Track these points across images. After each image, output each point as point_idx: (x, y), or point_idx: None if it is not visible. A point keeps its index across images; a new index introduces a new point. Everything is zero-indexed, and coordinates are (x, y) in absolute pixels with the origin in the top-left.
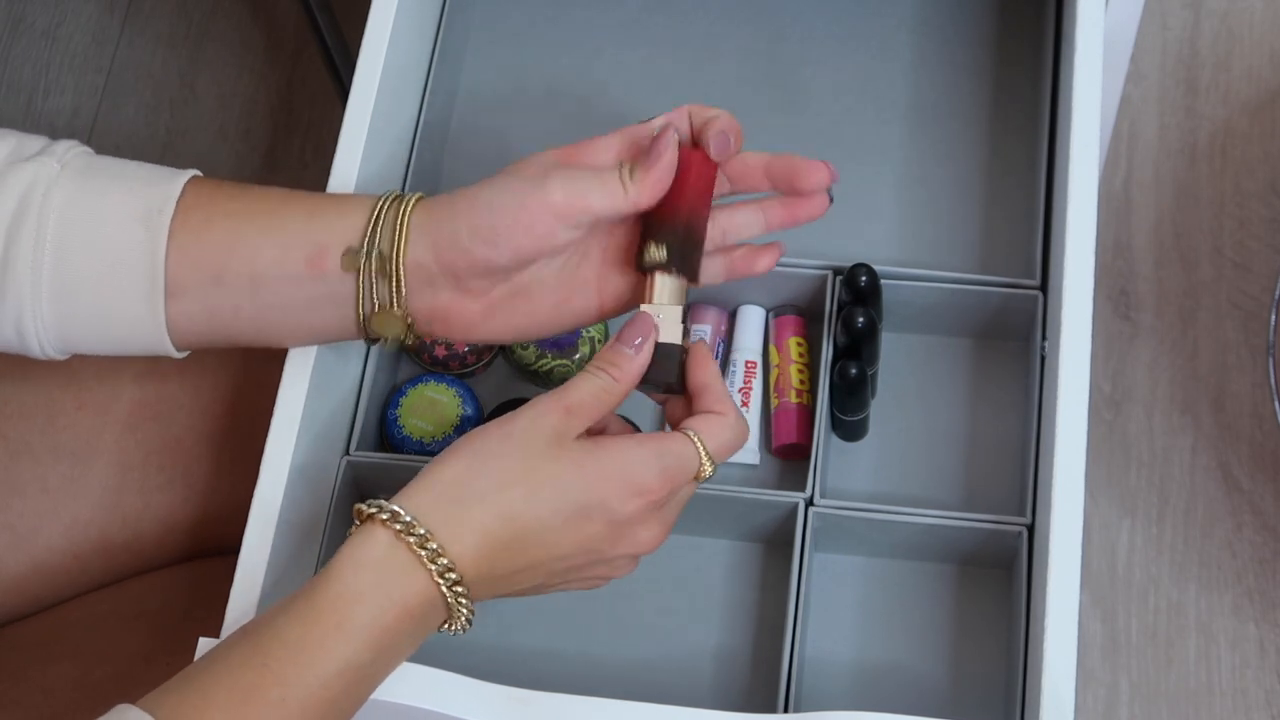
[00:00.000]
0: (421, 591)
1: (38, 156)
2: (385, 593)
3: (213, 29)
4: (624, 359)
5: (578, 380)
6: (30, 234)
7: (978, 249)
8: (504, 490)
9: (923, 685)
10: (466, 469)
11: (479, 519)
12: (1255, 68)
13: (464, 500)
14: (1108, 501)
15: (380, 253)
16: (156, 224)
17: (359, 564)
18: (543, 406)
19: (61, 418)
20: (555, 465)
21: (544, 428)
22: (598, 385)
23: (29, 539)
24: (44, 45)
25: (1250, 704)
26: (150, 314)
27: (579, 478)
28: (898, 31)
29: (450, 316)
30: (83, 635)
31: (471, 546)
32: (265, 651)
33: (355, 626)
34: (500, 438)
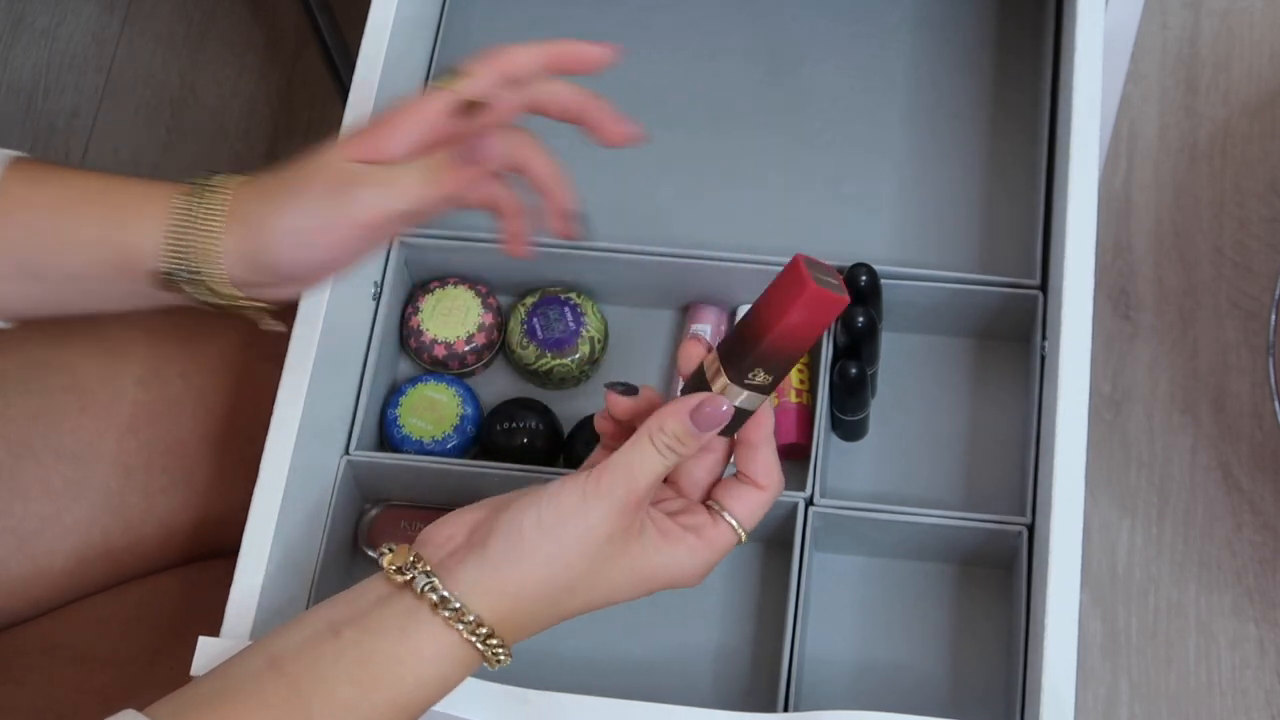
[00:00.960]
0: (473, 669)
1: None
2: (447, 684)
3: (213, 29)
4: (694, 442)
5: (645, 462)
6: None
7: (978, 249)
8: (573, 604)
9: (923, 685)
10: (548, 584)
11: (543, 623)
12: (1255, 68)
13: (537, 615)
14: (1108, 501)
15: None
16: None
17: (429, 660)
18: (610, 504)
19: (65, 421)
20: (617, 573)
21: (612, 529)
22: (661, 466)
23: (31, 542)
24: (44, 45)
25: (1250, 704)
26: None
27: (636, 584)
28: (898, 32)
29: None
30: (85, 639)
31: (527, 635)
32: (308, 703)
33: (412, 707)
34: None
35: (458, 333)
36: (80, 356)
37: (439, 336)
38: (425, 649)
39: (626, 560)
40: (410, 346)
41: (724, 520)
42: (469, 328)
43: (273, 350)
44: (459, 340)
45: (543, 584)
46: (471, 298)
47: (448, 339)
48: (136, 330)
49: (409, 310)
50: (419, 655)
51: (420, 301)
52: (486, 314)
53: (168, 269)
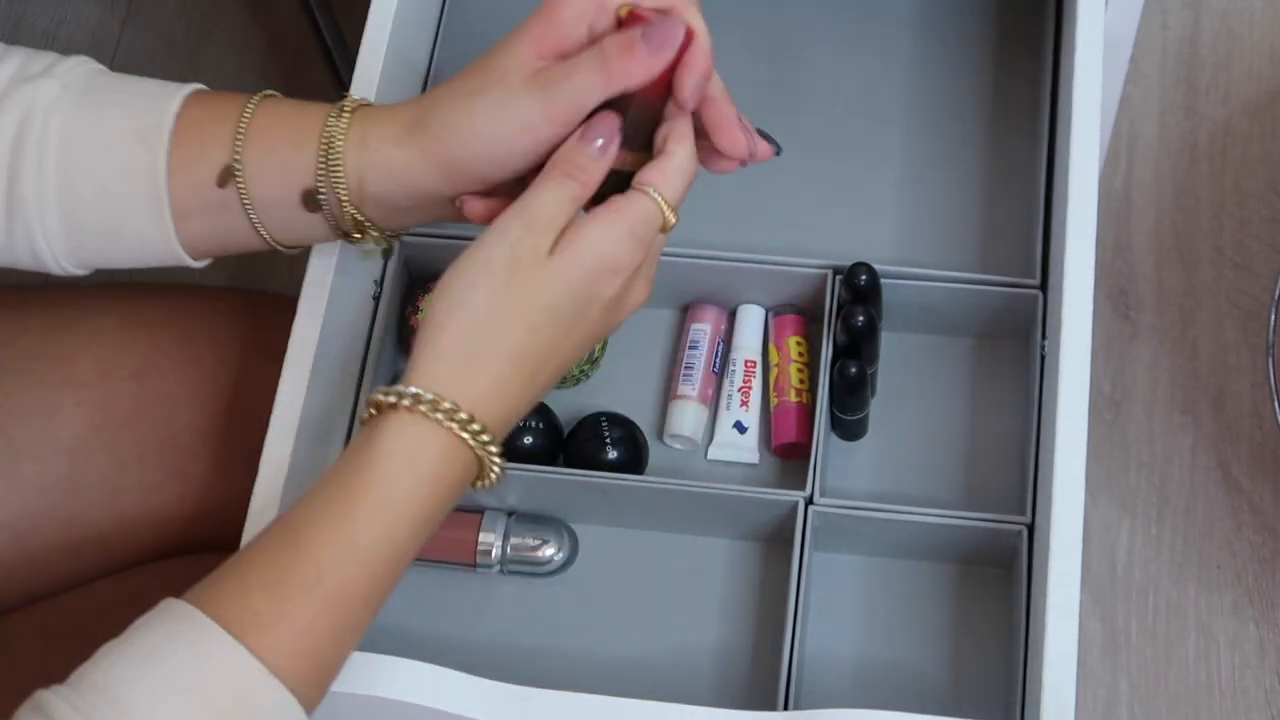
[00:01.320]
0: (457, 460)
1: (39, 77)
2: (421, 472)
3: (213, 29)
4: (590, 162)
5: (542, 193)
6: (33, 159)
7: (978, 249)
8: (507, 334)
9: (923, 684)
10: (464, 326)
11: (494, 371)
12: (1255, 68)
13: (474, 359)
14: (1108, 501)
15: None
16: (155, 142)
17: (391, 452)
18: (513, 235)
19: (60, 415)
20: (543, 287)
21: (521, 253)
22: (564, 197)
23: (28, 537)
24: (44, 45)
25: (1250, 704)
26: (159, 230)
27: (566, 288)
28: (898, 32)
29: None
30: (81, 623)
31: (495, 399)
32: (299, 535)
33: (395, 506)
34: (481, 283)
35: None
36: (76, 350)
37: None
38: (386, 441)
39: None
40: (410, 346)
41: (636, 190)
42: None
43: (271, 347)
44: None
45: (465, 329)
46: None
47: None
48: (133, 325)
49: (409, 310)
50: (383, 449)
51: (420, 301)
52: None
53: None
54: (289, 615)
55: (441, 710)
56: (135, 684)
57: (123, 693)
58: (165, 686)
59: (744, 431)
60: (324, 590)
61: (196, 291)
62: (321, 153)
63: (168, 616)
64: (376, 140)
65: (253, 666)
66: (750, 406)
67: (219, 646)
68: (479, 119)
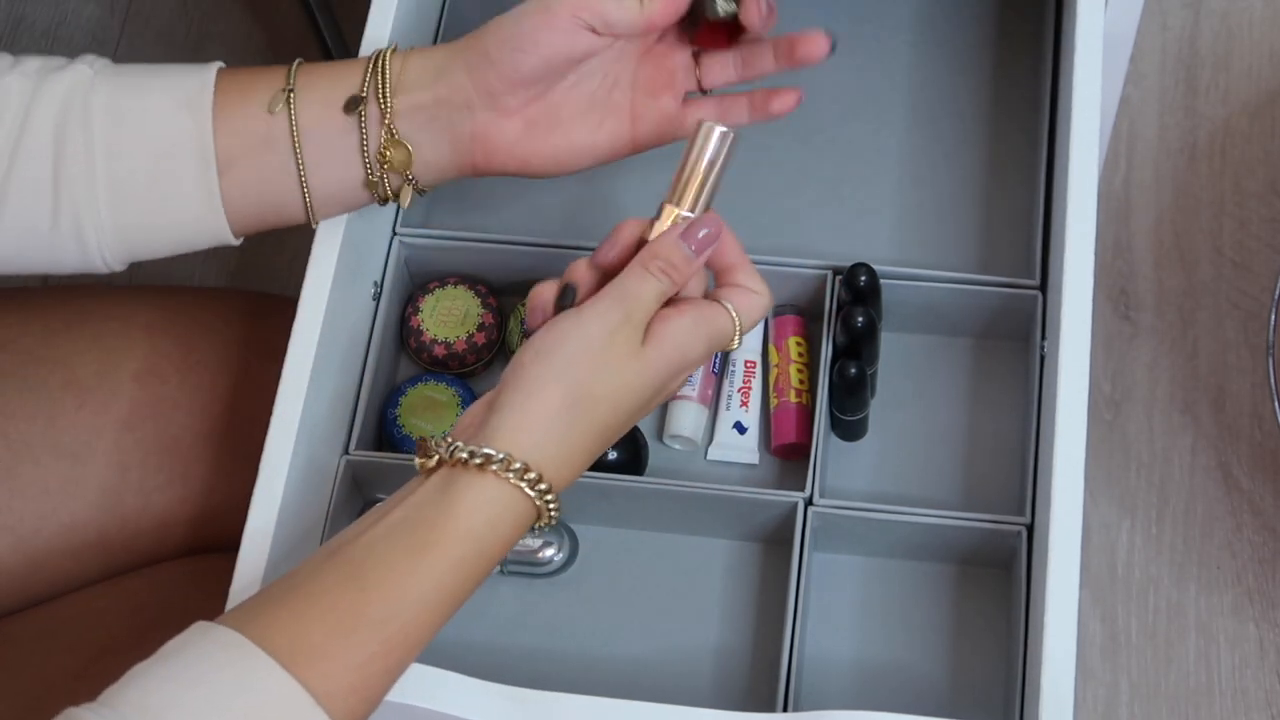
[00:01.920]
0: (525, 516)
1: (69, 66)
2: (498, 534)
3: (213, 29)
4: (686, 264)
5: (638, 286)
6: (77, 137)
7: (978, 249)
8: (592, 413)
9: (922, 685)
10: (556, 400)
11: (575, 444)
12: (1255, 68)
13: (561, 434)
14: (1108, 501)
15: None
16: (199, 104)
17: (472, 510)
18: (614, 318)
19: (62, 418)
20: (631, 378)
21: (618, 341)
22: (658, 292)
23: (29, 540)
24: (44, 45)
25: (1250, 704)
26: (205, 196)
27: (651, 380)
28: (898, 32)
29: (490, 137)
30: (81, 629)
31: (567, 467)
32: (365, 577)
33: (467, 562)
34: (582, 356)
35: (458, 333)
36: (77, 353)
37: (439, 336)
38: (466, 499)
39: (641, 364)
40: (410, 346)
41: (721, 305)
42: (469, 328)
43: (272, 348)
44: (459, 340)
45: (558, 402)
46: (471, 298)
47: (448, 339)
48: (134, 327)
49: (409, 310)
50: (461, 508)
51: (420, 301)
52: (486, 314)
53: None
54: (347, 651)
55: (442, 712)
56: (178, 706)
57: (167, 715)
58: (210, 711)
59: (744, 432)
60: (386, 630)
61: (197, 294)
62: (370, 64)
63: (209, 641)
64: (420, 49)
65: (302, 697)
66: (750, 407)
67: (268, 675)
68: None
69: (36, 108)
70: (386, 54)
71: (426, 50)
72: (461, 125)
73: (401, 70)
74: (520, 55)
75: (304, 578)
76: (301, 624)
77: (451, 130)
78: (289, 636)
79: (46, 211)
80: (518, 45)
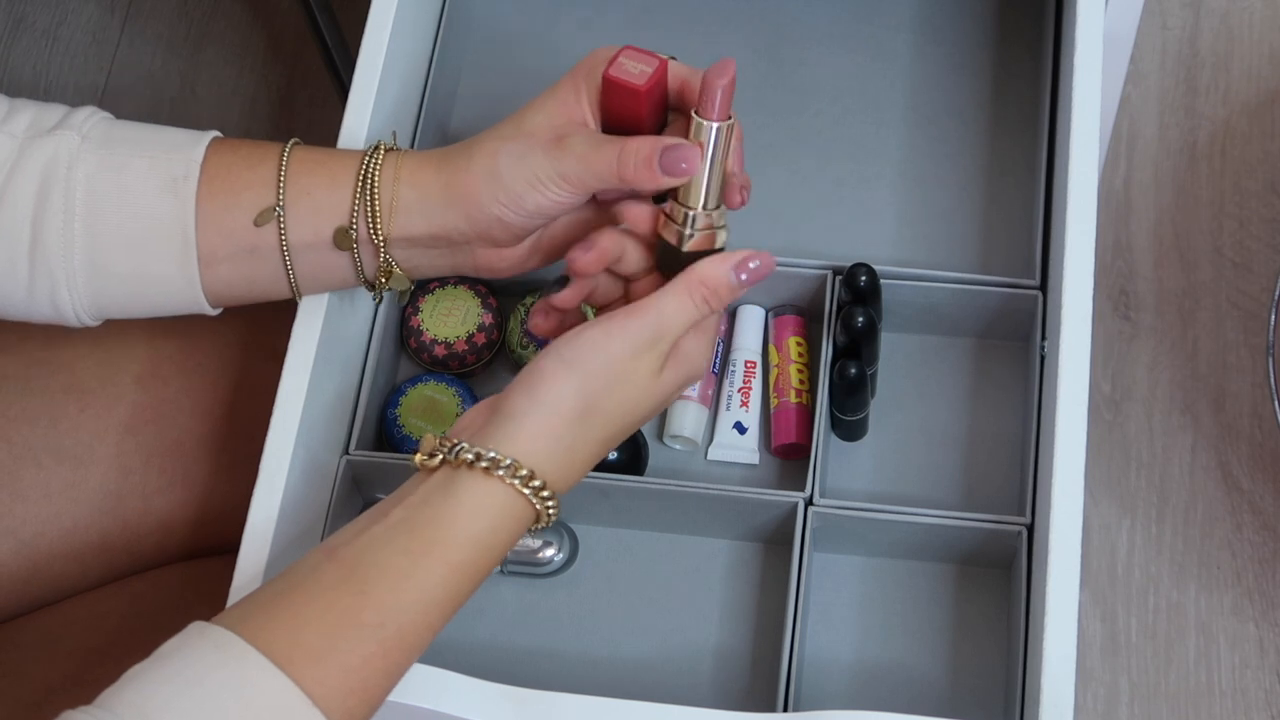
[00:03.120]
0: (526, 520)
1: (56, 130)
2: (499, 536)
3: (213, 29)
4: (731, 295)
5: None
6: (58, 209)
7: (978, 249)
8: (605, 427)
9: (922, 685)
10: (573, 412)
11: (584, 453)
12: (1255, 68)
13: (571, 444)
14: (1108, 501)
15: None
16: (183, 191)
17: (475, 514)
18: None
19: (64, 422)
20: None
21: (641, 364)
22: (694, 317)
23: (31, 544)
24: (44, 45)
25: (1250, 704)
26: (185, 278)
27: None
28: (897, 32)
29: (492, 264)
30: (82, 633)
31: (573, 474)
32: (364, 579)
33: (467, 565)
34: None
35: (458, 333)
36: (79, 357)
37: (439, 336)
38: (468, 502)
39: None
40: (410, 346)
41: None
42: (469, 328)
43: (272, 350)
44: (459, 340)
45: (572, 414)
46: (471, 298)
47: (448, 339)
48: (135, 330)
49: (409, 310)
50: (464, 510)
51: (420, 301)
52: (486, 314)
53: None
54: (342, 653)
55: (442, 712)
56: (173, 709)
57: (162, 717)
58: (205, 713)
59: (744, 432)
60: (383, 633)
61: None
62: (358, 186)
63: (205, 641)
64: (408, 172)
65: (298, 698)
66: (750, 407)
67: (264, 676)
68: (500, 163)
69: (18, 175)
70: (376, 169)
71: (419, 174)
72: (460, 253)
73: (394, 197)
74: (528, 221)
75: (301, 577)
76: (298, 625)
77: (450, 257)
78: (285, 637)
79: (23, 278)
80: (526, 215)
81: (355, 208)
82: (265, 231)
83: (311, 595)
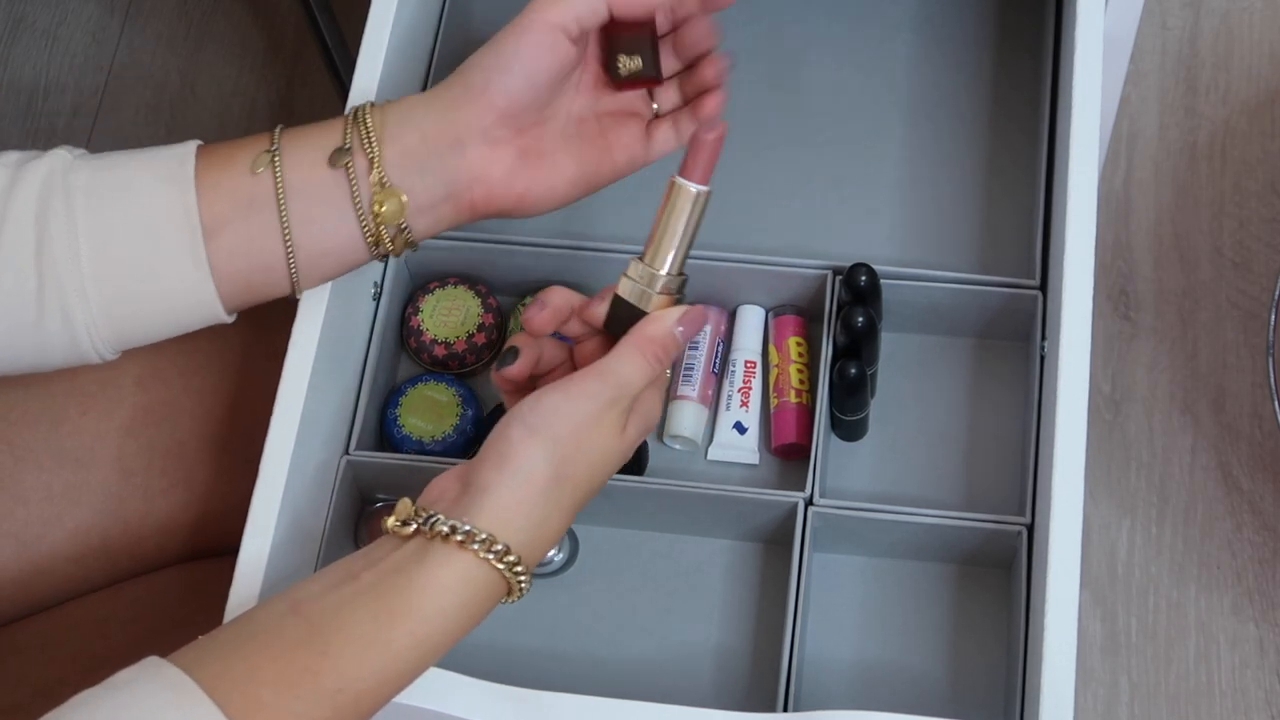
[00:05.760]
0: (496, 594)
1: (46, 153)
2: (469, 611)
3: (213, 29)
4: (675, 346)
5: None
6: (60, 216)
7: (978, 249)
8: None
9: (922, 685)
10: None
11: (554, 523)
12: (1255, 68)
13: (548, 515)
14: (1108, 501)
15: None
16: (181, 177)
17: (444, 588)
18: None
19: (65, 424)
20: (611, 455)
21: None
22: (650, 375)
23: (32, 546)
24: (44, 45)
25: (1250, 704)
26: (193, 264)
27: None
28: (898, 31)
29: (486, 172)
30: (83, 637)
31: (543, 542)
32: (327, 641)
33: (433, 638)
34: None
35: (458, 333)
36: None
37: (439, 336)
38: (441, 575)
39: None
40: (410, 346)
41: None
42: (469, 328)
43: (273, 350)
44: (459, 340)
45: (543, 483)
46: (471, 298)
47: (448, 339)
48: None
49: (409, 310)
50: (436, 583)
51: (420, 301)
52: (486, 314)
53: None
54: (296, 714)
55: (442, 712)
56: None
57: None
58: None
59: (744, 432)
60: (340, 699)
61: None
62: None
63: (159, 680)
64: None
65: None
66: (750, 407)
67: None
68: (499, 38)
69: (16, 193)
70: (366, 106)
71: (405, 98)
72: (454, 164)
73: (383, 120)
74: (506, 77)
75: (263, 627)
76: (254, 678)
77: (444, 171)
78: (239, 688)
79: (31, 298)
80: (501, 67)
81: (348, 130)
82: (262, 178)
83: (271, 650)
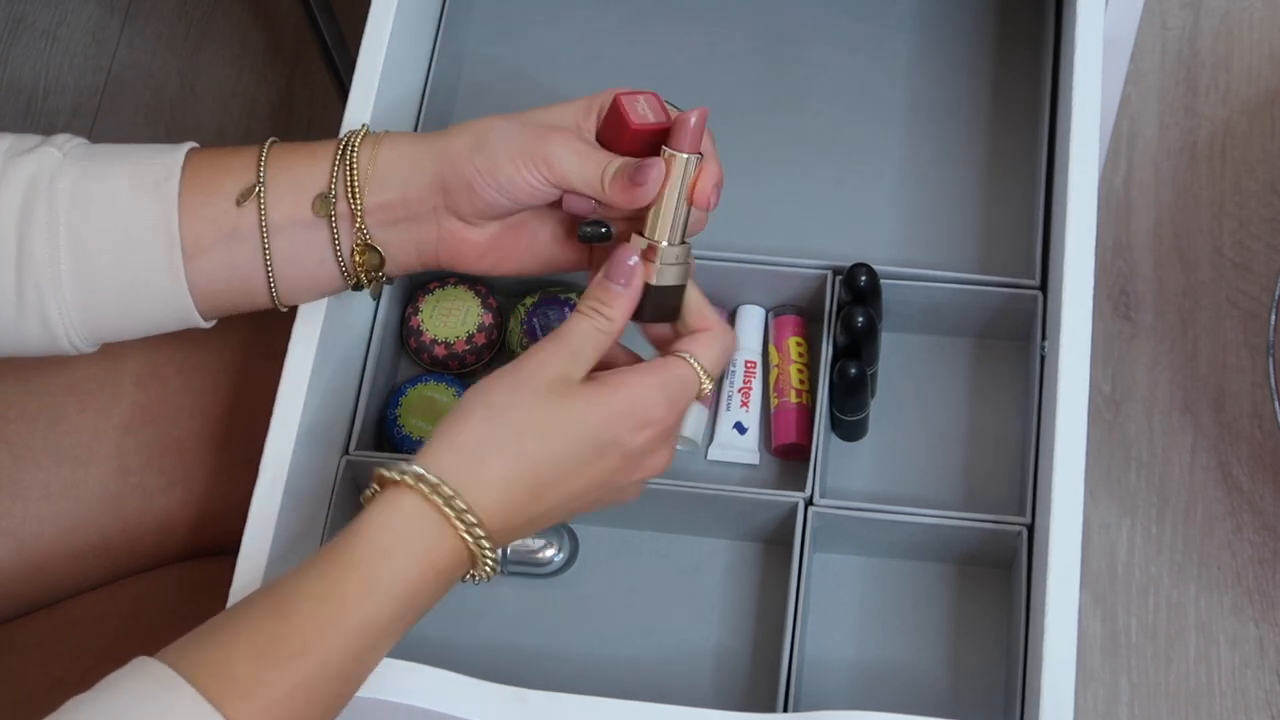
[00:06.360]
0: (449, 548)
1: (37, 148)
2: (411, 551)
3: (213, 29)
4: (613, 297)
5: (572, 325)
6: (42, 221)
7: (978, 249)
8: (521, 440)
9: (922, 685)
10: (482, 423)
11: (500, 471)
12: (1255, 68)
13: (484, 455)
14: (1108, 501)
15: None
16: (165, 192)
17: (385, 526)
18: (544, 354)
19: (63, 422)
20: (567, 409)
21: (550, 374)
22: (591, 328)
23: (30, 544)
24: (44, 45)
25: (1250, 704)
26: (172, 281)
27: (591, 418)
28: (897, 32)
29: (457, 244)
30: (82, 635)
31: (495, 499)
32: (287, 606)
33: (381, 584)
34: (509, 388)
35: (458, 333)
36: (78, 357)
37: (439, 336)
38: (380, 516)
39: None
40: (410, 346)
41: (677, 355)
42: (469, 328)
43: (272, 350)
44: (459, 340)
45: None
46: (471, 298)
47: (448, 339)
48: None
49: (409, 310)
50: (374, 524)
51: (420, 301)
52: (486, 314)
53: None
54: (268, 685)
55: (442, 712)
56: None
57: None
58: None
59: (744, 432)
60: (306, 663)
61: None
62: (338, 155)
63: (142, 676)
64: (391, 140)
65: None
66: (750, 407)
67: (192, 710)
68: (491, 133)
69: (1, 192)
70: (356, 141)
71: (400, 141)
72: (429, 230)
73: (372, 161)
74: (490, 191)
75: (238, 610)
76: (227, 657)
77: (419, 233)
78: (215, 669)
79: (10, 294)
80: (497, 187)
81: (335, 174)
82: (246, 211)
83: (239, 627)
